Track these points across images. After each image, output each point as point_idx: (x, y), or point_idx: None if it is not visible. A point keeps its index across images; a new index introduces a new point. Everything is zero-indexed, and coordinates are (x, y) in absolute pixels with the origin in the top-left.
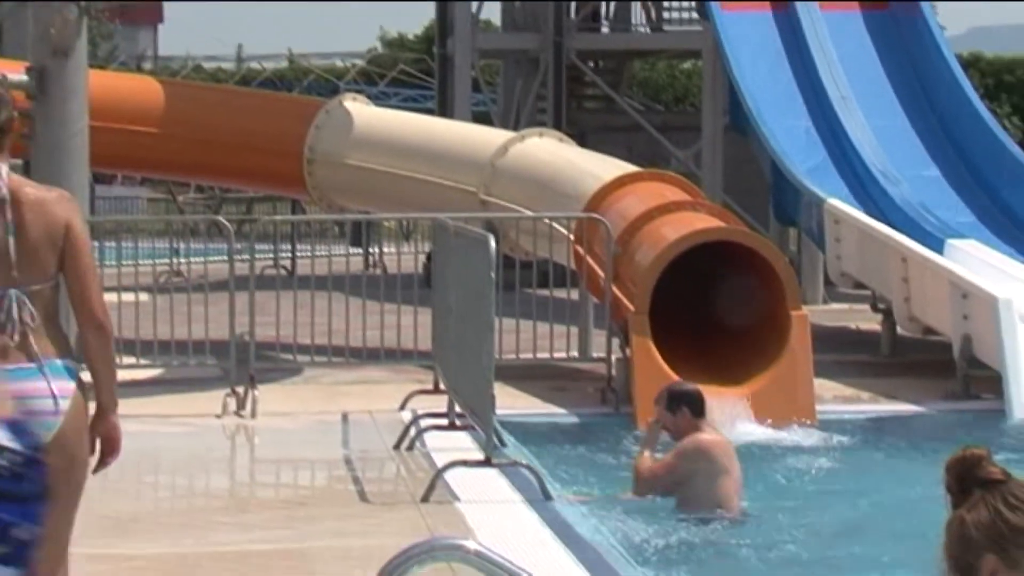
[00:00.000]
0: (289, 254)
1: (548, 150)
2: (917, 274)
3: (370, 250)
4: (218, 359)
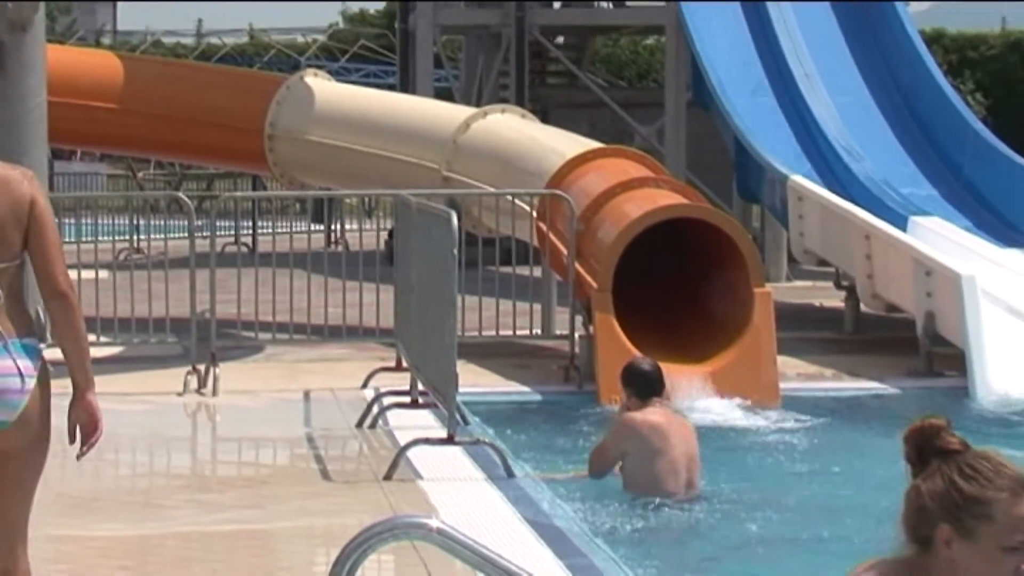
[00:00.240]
0: (250, 231)
1: (510, 126)
2: (880, 251)
3: (332, 227)
4: (179, 337)
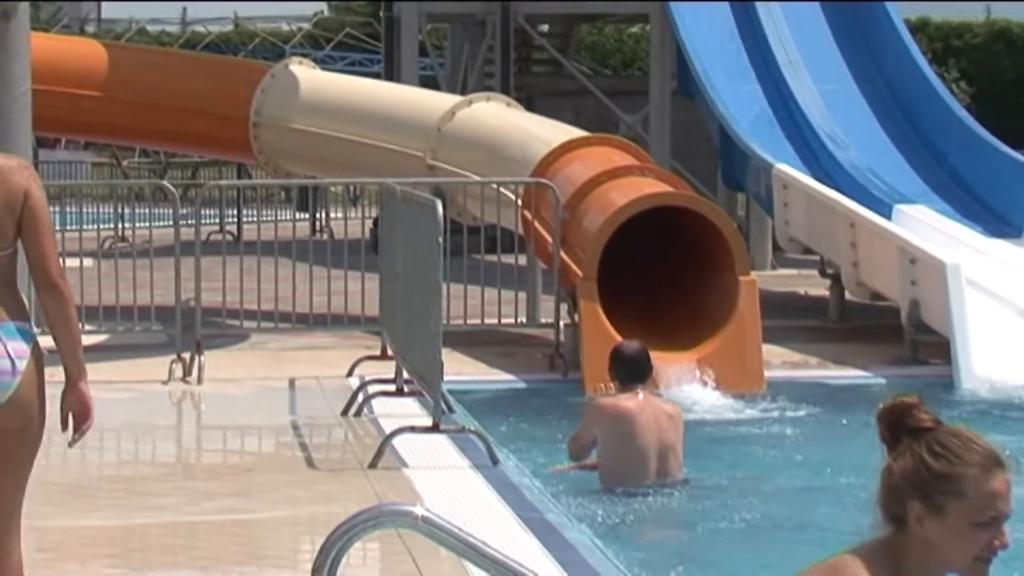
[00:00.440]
0: (235, 219)
1: (495, 115)
2: (865, 239)
3: (317, 215)
4: (164, 325)
